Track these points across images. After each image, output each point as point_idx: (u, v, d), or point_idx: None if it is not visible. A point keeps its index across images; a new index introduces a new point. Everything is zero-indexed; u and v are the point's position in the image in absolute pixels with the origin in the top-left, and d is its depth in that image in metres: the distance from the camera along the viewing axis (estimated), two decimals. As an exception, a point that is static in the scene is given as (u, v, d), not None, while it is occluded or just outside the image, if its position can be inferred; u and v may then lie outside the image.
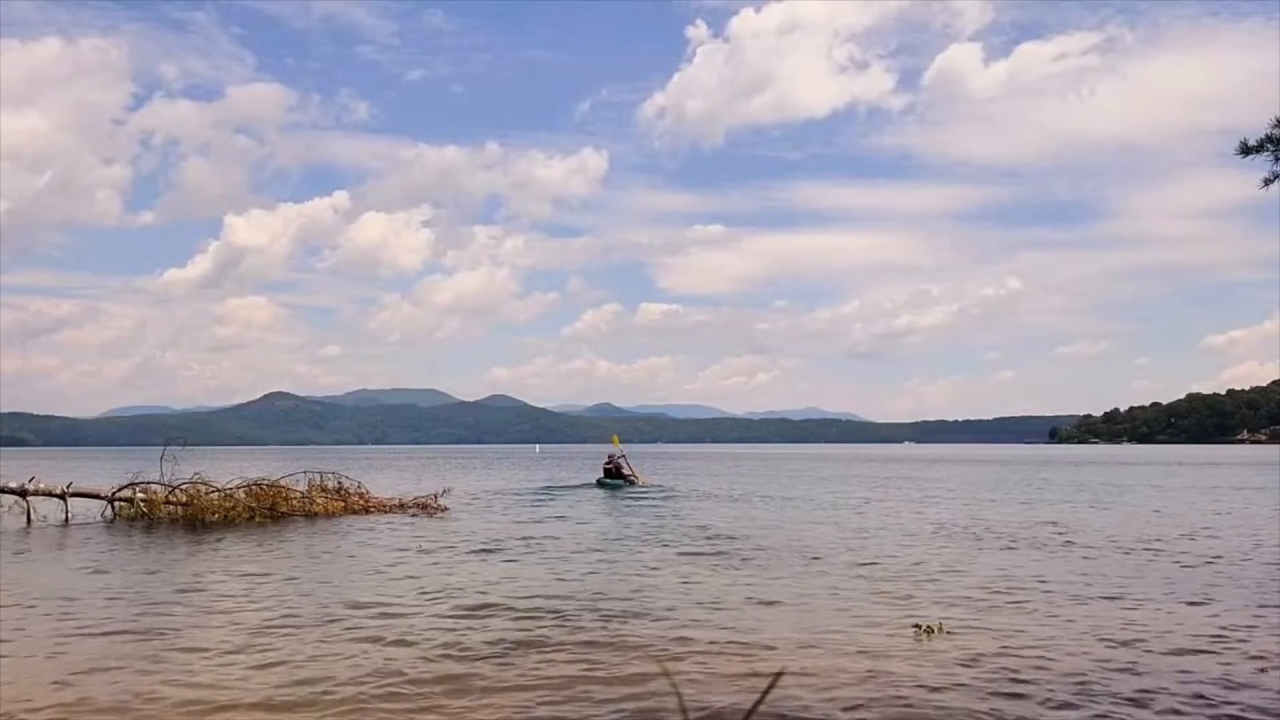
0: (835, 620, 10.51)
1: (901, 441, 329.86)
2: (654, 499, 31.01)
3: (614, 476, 37.79)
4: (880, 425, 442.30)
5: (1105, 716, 7.16)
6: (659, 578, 13.66)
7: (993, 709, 7.29)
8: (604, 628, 10.15)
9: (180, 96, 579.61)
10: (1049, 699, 7.53)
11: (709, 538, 18.92)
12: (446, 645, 9.34)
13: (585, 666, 8.52)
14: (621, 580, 13.43)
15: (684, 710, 7.75)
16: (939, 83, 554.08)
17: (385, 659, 8.81)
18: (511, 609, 11.23)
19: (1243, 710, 7.29)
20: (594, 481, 38.81)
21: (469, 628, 10.16)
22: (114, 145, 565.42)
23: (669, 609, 11.19)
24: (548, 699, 7.57)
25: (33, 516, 22.43)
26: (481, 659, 8.80)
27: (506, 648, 9.23)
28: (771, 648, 9.22)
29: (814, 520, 23.24)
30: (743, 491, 35.92)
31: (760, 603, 11.63)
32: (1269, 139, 9.28)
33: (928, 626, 9.81)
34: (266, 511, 22.42)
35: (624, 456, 39.00)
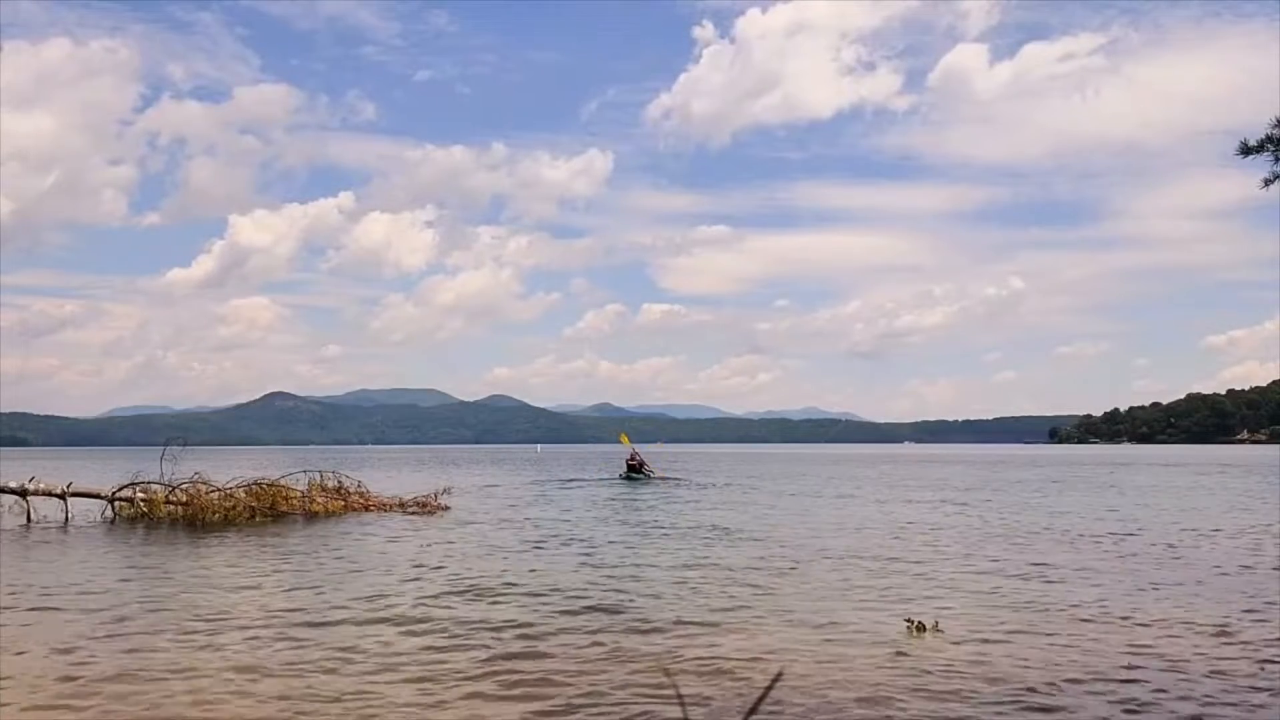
0: (830, 617, 10.51)
1: (901, 441, 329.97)
2: (655, 498, 31.05)
3: (636, 471, 42.46)
4: (880, 425, 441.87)
5: (1098, 715, 7.17)
6: (658, 576, 13.66)
7: (985, 706, 7.30)
8: (603, 627, 10.15)
9: (188, 97, 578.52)
10: (1041, 696, 7.54)
11: (709, 537, 18.93)
12: (446, 646, 9.34)
13: (585, 666, 8.52)
14: (620, 579, 13.42)
15: (684, 710, 7.76)
16: (944, 83, 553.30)
17: (386, 660, 8.82)
18: (509, 608, 11.23)
19: (1243, 713, 7.30)
20: (618, 476, 43.54)
21: (468, 628, 10.15)
22: (121, 146, 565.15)
23: (668, 607, 11.19)
24: (548, 699, 7.58)
25: (33, 516, 22.42)
26: (480, 660, 8.81)
27: (505, 648, 9.23)
28: (770, 646, 9.22)
29: (812, 518, 23.23)
30: (744, 490, 35.95)
31: (759, 600, 11.62)
32: (1269, 139, 9.28)
33: (920, 623, 9.84)
34: (267, 511, 22.43)
35: (636, 454, 43.62)
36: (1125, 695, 7.64)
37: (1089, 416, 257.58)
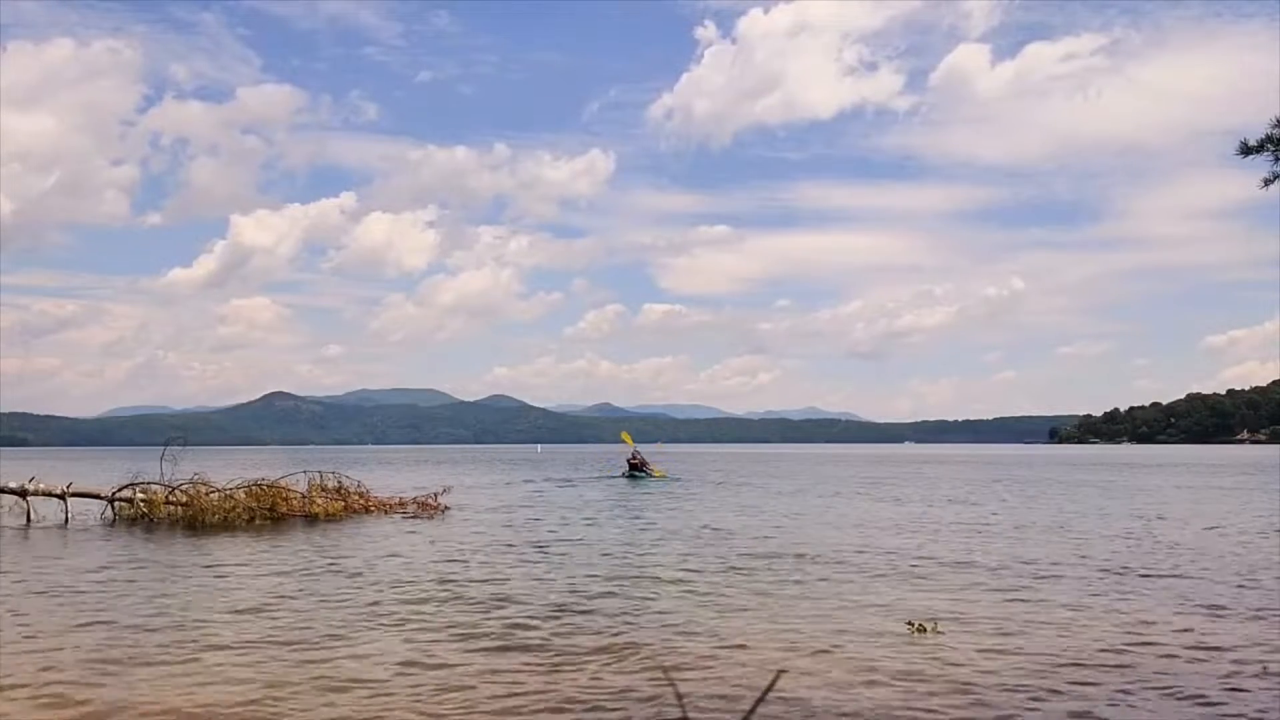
0: (831, 618, 10.51)
1: (902, 441, 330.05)
2: (655, 497, 31.04)
3: (637, 470, 43.26)
4: (880, 425, 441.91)
5: (1098, 714, 7.17)
6: (656, 576, 13.65)
7: (986, 706, 7.30)
8: (602, 626, 10.15)
9: (190, 98, 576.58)
10: (1041, 696, 7.54)
11: (709, 538, 18.93)
12: (444, 646, 9.34)
13: (583, 666, 8.53)
14: (618, 579, 13.41)
15: (683, 710, 7.75)
16: (946, 83, 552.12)
17: (383, 661, 8.82)
18: (508, 608, 11.23)
19: (1243, 712, 7.30)
20: (620, 474, 44.25)
21: (466, 629, 10.16)
22: (123, 146, 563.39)
23: (667, 607, 11.20)
24: (546, 698, 7.57)
25: (33, 517, 22.42)
26: (480, 660, 8.81)
27: (504, 648, 9.23)
28: (770, 645, 9.22)
29: (811, 517, 23.23)
30: (742, 490, 35.96)
31: (760, 600, 11.63)
32: (1269, 139, 9.27)
33: (920, 624, 9.84)
34: (266, 512, 22.39)
35: (637, 454, 44.40)
36: (1123, 690, 7.64)
37: (1089, 416, 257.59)
